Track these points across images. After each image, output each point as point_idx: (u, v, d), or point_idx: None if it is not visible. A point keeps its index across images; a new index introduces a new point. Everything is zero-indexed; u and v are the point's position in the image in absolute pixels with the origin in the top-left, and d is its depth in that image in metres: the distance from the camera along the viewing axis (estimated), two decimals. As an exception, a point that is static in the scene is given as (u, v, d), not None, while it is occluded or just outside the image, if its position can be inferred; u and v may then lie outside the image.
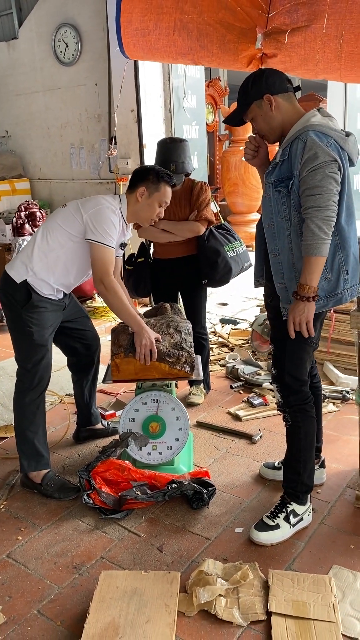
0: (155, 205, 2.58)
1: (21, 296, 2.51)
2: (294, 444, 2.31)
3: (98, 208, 2.47)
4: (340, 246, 2.09)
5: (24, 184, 6.84)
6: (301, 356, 2.24)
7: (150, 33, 3.43)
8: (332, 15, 2.90)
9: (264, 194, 2.17)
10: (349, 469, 2.69)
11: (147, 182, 2.55)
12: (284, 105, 2.13)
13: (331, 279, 2.10)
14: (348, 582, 2.01)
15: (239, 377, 3.76)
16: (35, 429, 2.61)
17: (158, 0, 3.34)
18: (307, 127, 2.01)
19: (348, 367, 3.75)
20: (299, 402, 2.27)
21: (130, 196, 2.58)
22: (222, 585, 1.96)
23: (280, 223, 2.11)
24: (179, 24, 3.31)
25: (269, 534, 2.23)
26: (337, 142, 2.01)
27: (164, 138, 3.40)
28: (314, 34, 2.96)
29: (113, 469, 2.52)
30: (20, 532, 2.36)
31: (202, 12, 3.24)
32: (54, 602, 1.99)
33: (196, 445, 2.99)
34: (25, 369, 2.58)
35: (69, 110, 6.37)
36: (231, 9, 3.19)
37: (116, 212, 2.51)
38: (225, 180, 8.35)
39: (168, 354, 2.50)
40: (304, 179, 1.99)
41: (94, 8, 5.76)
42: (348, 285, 2.14)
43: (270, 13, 3.11)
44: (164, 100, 5.46)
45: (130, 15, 3.47)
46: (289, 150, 2.05)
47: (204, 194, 3.21)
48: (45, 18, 6.23)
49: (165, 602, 1.90)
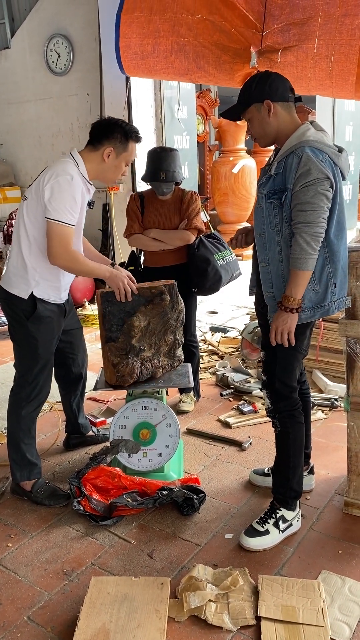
0: (122, 165, 2.46)
1: (26, 307, 2.45)
2: (283, 450, 2.33)
3: (56, 181, 2.29)
4: (329, 259, 2.12)
5: (15, 192, 6.85)
6: (291, 363, 2.27)
7: (149, 56, 3.55)
8: (322, 35, 3.00)
9: (257, 204, 2.20)
10: (338, 476, 2.72)
11: (114, 140, 2.39)
12: (282, 114, 2.15)
13: (319, 290, 2.14)
14: (337, 587, 2.03)
15: (229, 385, 3.78)
16: (29, 441, 2.60)
17: (155, 25, 3.45)
18: (302, 142, 2.05)
19: (336, 375, 3.79)
20: (288, 408, 2.30)
21: (94, 154, 2.41)
22: (212, 591, 1.97)
23: (271, 234, 2.14)
24: (176, 47, 3.43)
25: (259, 539, 2.25)
26: (331, 158, 2.05)
27: (155, 147, 3.44)
28: (305, 53, 3.06)
29: (103, 475, 2.53)
30: (10, 539, 2.36)
31: (197, 35, 3.35)
32: (45, 609, 1.98)
33: (186, 452, 3.00)
34: (25, 380, 2.55)
35: (60, 119, 6.41)
36: (226, 30, 3.29)
37: (74, 179, 2.32)
38: (215, 190, 8.42)
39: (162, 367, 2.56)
40: (296, 193, 2.03)
41: (86, 19, 5.82)
42: (335, 298, 2.18)
43: (264, 31, 3.19)
44: (154, 110, 5.51)
45: (129, 40, 3.59)
46: (284, 164, 2.08)
47: (194, 203, 3.24)
48: (38, 28, 6.28)
49: (156, 607, 1.91)
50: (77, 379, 2.93)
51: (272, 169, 2.12)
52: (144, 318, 2.50)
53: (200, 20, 3.32)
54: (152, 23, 3.47)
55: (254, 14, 3.20)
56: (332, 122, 7.10)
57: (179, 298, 2.56)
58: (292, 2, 3.06)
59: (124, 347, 2.49)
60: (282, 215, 2.10)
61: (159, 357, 2.59)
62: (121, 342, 2.49)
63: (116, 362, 2.49)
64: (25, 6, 6.46)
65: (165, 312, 2.53)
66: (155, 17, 3.44)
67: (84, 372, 2.95)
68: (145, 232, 3.22)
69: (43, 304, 2.48)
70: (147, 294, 2.50)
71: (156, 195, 3.25)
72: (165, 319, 2.54)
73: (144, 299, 2.50)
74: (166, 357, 2.62)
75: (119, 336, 2.49)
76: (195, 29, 3.35)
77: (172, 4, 3.38)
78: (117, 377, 2.50)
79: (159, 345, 2.58)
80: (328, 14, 2.95)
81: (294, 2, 3.05)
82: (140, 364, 2.52)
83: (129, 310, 2.49)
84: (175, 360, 2.65)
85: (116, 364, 2.49)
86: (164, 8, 3.41)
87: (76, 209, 2.35)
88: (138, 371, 2.51)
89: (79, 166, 2.40)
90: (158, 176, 3.12)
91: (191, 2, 3.33)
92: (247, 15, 3.20)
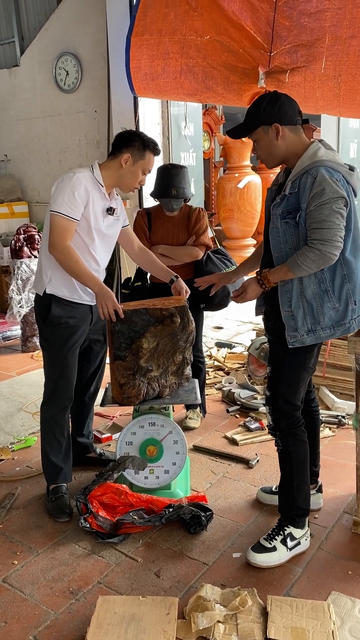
0: (139, 172, 2.52)
1: (43, 310, 2.54)
2: (286, 468, 2.31)
3: (60, 180, 2.44)
4: (347, 277, 2.14)
5: (22, 207, 6.91)
6: (297, 381, 2.26)
7: (158, 77, 3.62)
8: (330, 57, 3.05)
9: (271, 224, 2.20)
10: (346, 494, 2.69)
11: (132, 148, 2.47)
12: (290, 136, 2.16)
13: (339, 309, 2.15)
14: (347, 609, 2.00)
15: (235, 401, 3.77)
16: (55, 445, 2.64)
17: (164, 47, 3.52)
18: (316, 162, 2.06)
19: (344, 392, 3.77)
20: (289, 426, 2.28)
21: (113, 161, 2.51)
22: (221, 611, 1.95)
23: (290, 252, 2.15)
24: (185, 68, 3.50)
25: (266, 555, 2.23)
26: (344, 177, 2.07)
27: (165, 164, 3.47)
28: (313, 74, 3.11)
29: (110, 492, 2.51)
30: (16, 556, 2.34)
31: (206, 56, 3.41)
32: (51, 628, 1.96)
33: (193, 470, 2.98)
34: (46, 383, 2.65)
35: (68, 136, 6.48)
36: (234, 51, 3.34)
37: (77, 177, 2.40)
38: (220, 206, 8.46)
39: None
40: (311, 213, 2.04)
41: (95, 38, 5.91)
42: (356, 315, 2.19)
43: (272, 52, 3.24)
44: (162, 127, 5.57)
45: (139, 62, 3.67)
46: (298, 184, 2.09)
47: (202, 220, 3.26)
48: (47, 47, 6.37)
49: (164, 628, 1.88)
50: (81, 409, 2.90)
51: (287, 189, 2.13)
52: (153, 339, 2.47)
53: (208, 41, 3.38)
54: (161, 45, 3.54)
55: (261, 35, 3.25)
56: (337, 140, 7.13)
57: (190, 319, 2.52)
58: (299, 24, 3.11)
59: (131, 367, 2.48)
60: (298, 233, 2.12)
61: (166, 376, 2.58)
62: (129, 361, 2.47)
63: (123, 383, 2.48)
64: (35, 25, 6.57)
65: (175, 334, 2.50)
66: (165, 39, 3.51)
67: (92, 405, 2.95)
68: (153, 248, 3.23)
69: (60, 304, 2.51)
70: (157, 315, 2.47)
71: (163, 212, 3.27)
72: (174, 340, 2.51)
73: (154, 319, 2.47)
74: (174, 375, 2.61)
75: (127, 355, 2.47)
76: (203, 50, 3.41)
77: (181, 26, 3.45)
78: (123, 397, 2.50)
79: (167, 365, 2.56)
80: (335, 36, 3.01)
81: (301, 24, 3.10)
82: (147, 384, 2.51)
83: (139, 330, 2.46)
84: (183, 378, 2.65)
85: (123, 384, 2.48)
86: (173, 30, 3.48)
87: (76, 203, 2.39)
88: (144, 392, 2.50)
89: (94, 172, 2.48)
90: (169, 192, 3.14)
91: (200, 24, 3.40)
92: (255, 36, 3.25)
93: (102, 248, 2.58)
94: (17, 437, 3.40)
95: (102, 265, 2.62)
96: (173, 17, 3.45)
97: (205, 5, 3.35)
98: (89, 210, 2.45)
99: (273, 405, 2.30)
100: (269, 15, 3.17)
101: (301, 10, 3.08)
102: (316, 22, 3.06)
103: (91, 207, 2.45)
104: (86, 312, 2.59)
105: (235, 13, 3.25)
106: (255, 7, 3.19)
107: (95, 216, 2.48)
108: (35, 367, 4.71)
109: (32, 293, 5.09)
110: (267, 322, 2.38)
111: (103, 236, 2.56)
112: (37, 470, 2.96)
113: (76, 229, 2.45)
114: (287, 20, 3.11)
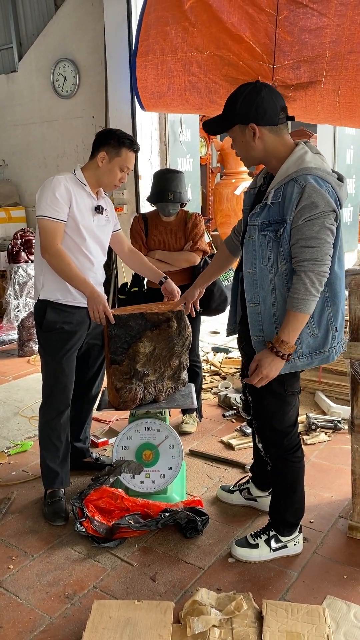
0: (116, 170, 2.51)
1: (39, 316, 2.58)
2: (277, 486, 2.30)
3: (42, 186, 2.48)
4: (329, 300, 1.95)
5: (19, 212, 6.92)
6: (281, 408, 2.11)
7: (165, 95, 3.74)
8: (330, 71, 3.12)
9: (247, 235, 1.99)
10: (342, 499, 2.70)
11: (108, 146, 2.48)
12: (270, 137, 1.94)
13: (318, 335, 1.96)
14: (342, 613, 2.00)
15: (232, 406, 3.77)
16: (51, 449, 2.65)
17: (168, 65, 3.62)
18: (304, 169, 1.86)
19: (339, 397, 3.79)
20: (280, 452, 2.21)
21: (92, 162, 2.54)
22: (216, 616, 1.95)
23: (263, 270, 1.94)
24: (189, 85, 3.59)
25: (246, 550, 2.25)
26: (333, 188, 1.89)
27: (161, 169, 3.49)
28: (313, 88, 3.18)
29: (106, 497, 2.51)
30: (12, 561, 2.33)
31: (207, 72, 3.50)
32: (46, 633, 1.96)
33: (189, 474, 2.99)
34: (43, 383, 2.67)
35: (65, 141, 6.50)
36: (234, 64, 3.40)
37: (60, 180, 2.44)
38: (217, 211, 8.49)
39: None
40: (298, 227, 1.85)
41: (93, 44, 5.94)
42: (336, 343, 2.00)
43: (274, 65, 3.29)
44: (159, 133, 5.60)
45: (145, 81, 3.79)
46: (282, 193, 1.88)
47: (199, 225, 3.28)
48: (45, 53, 6.40)
49: (159, 632, 1.88)
50: (76, 421, 2.89)
51: (269, 197, 1.91)
52: (150, 344, 2.47)
53: (209, 56, 3.45)
54: (165, 64, 3.64)
55: (260, 46, 3.30)
56: (333, 146, 7.18)
57: (186, 324, 2.53)
58: (301, 40, 3.16)
59: (128, 371, 2.48)
60: (277, 249, 1.90)
61: (163, 380, 2.58)
62: (125, 365, 2.48)
63: (119, 387, 2.48)
64: (33, 31, 6.60)
65: (171, 338, 2.50)
66: (168, 58, 3.60)
67: (90, 415, 2.97)
68: (150, 254, 3.25)
69: (55, 309, 2.53)
70: (154, 319, 2.48)
71: (160, 217, 3.28)
72: (171, 345, 2.52)
73: (150, 324, 2.48)
74: (170, 380, 2.62)
75: (123, 359, 2.48)
76: (204, 65, 3.49)
77: (181, 43, 3.52)
78: (119, 402, 2.50)
79: (164, 369, 2.57)
80: (334, 52, 3.07)
81: (303, 40, 3.16)
82: (144, 389, 2.52)
83: (135, 334, 2.47)
84: (179, 383, 2.65)
85: (119, 389, 2.49)
86: (175, 49, 3.56)
87: (58, 204, 2.42)
88: (141, 396, 2.51)
89: (76, 174, 2.53)
90: (166, 197, 3.16)
91: (199, 40, 3.48)
92: (254, 47, 3.30)
93: (95, 248, 2.59)
94: (13, 441, 3.40)
95: (96, 264, 2.63)
96: (174, 35, 3.55)
97: (205, 21, 3.42)
98: (74, 208, 2.47)
99: (260, 435, 2.25)
100: (267, 27, 3.22)
101: (302, 27, 3.14)
102: (317, 39, 3.12)
103: (75, 205, 2.47)
104: (83, 317, 2.60)
105: (235, 25, 3.30)
106: (254, 19, 3.25)
107: (82, 214, 2.50)
108: (32, 371, 4.72)
109: (30, 298, 5.10)
110: (241, 344, 2.23)
111: (95, 236, 2.58)
112: (33, 475, 2.96)
113: (65, 230, 2.47)
114: (288, 36, 3.17)
